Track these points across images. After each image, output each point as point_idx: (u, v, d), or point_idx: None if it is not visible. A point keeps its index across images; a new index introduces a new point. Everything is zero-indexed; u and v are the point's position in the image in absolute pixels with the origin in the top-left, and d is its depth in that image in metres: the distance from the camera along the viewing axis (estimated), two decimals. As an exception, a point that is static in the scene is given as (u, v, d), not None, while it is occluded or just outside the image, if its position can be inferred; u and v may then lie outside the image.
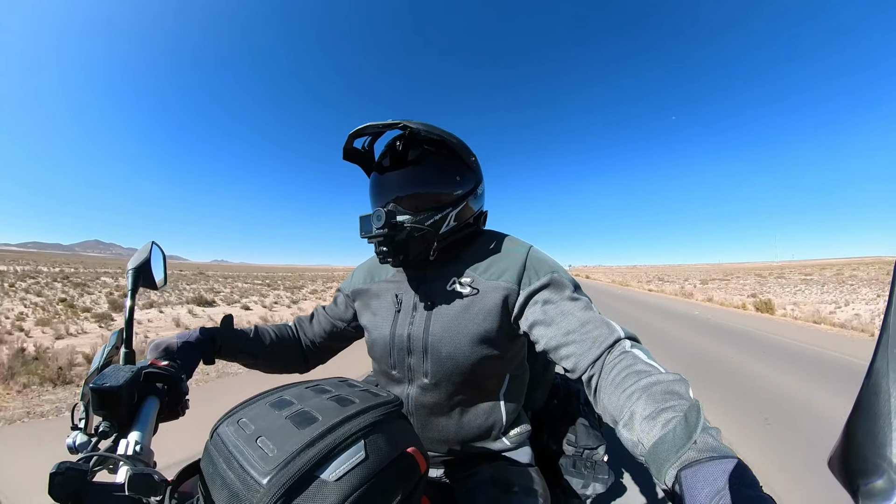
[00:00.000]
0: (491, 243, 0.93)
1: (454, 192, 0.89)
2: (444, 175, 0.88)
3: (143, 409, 0.62)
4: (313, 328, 1.09)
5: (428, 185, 0.88)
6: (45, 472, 0.43)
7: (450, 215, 0.87)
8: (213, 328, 0.92)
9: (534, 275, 0.84)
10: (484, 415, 0.90)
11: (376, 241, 0.84)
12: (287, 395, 0.50)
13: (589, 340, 0.71)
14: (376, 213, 0.81)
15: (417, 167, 0.88)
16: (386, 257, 0.85)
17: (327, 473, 0.40)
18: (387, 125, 0.85)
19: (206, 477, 0.44)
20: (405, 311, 0.90)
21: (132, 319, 0.75)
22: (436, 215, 0.85)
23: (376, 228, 0.81)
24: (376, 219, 0.81)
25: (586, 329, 0.73)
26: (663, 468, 0.44)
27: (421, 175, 0.88)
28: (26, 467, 2.40)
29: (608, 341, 0.70)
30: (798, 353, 5.85)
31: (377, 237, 0.82)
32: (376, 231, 0.81)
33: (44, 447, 2.67)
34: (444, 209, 0.86)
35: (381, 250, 0.85)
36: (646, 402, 0.55)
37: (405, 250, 0.85)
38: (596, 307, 0.81)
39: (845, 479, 0.23)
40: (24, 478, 2.23)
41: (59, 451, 0.50)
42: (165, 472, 0.49)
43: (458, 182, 0.89)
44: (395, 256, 0.85)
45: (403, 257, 0.86)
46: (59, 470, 0.44)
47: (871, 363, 0.22)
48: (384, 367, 0.93)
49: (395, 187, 0.88)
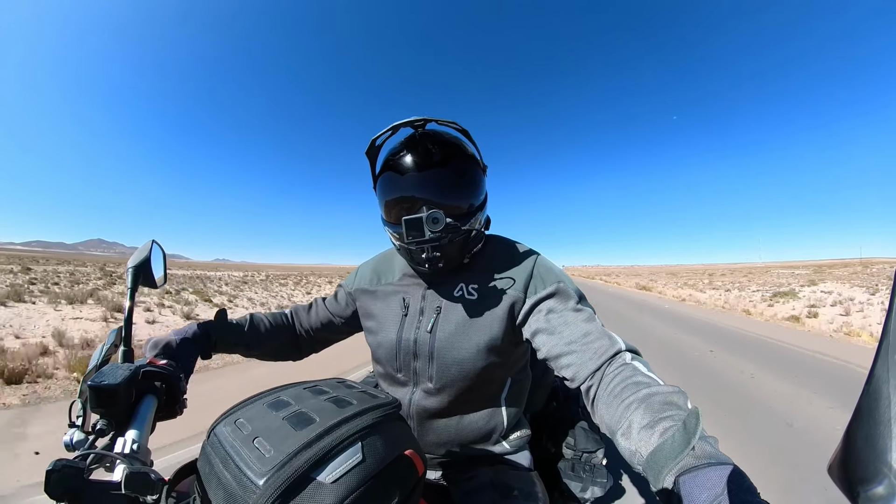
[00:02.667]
0: (498, 250, 0.93)
1: (480, 198, 0.88)
2: (472, 179, 0.87)
3: (141, 407, 0.62)
4: (310, 318, 1.09)
5: (467, 190, 0.86)
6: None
7: (478, 221, 0.87)
8: (207, 322, 0.92)
9: (540, 283, 0.84)
10: (485, 418, 0.90)
11: (429, 245, 0.79)
12: (284, 396, 0.50)
13: (590, 351, 0.71)
14: (432, 215, 0.74)
15: (448, 170, 0.84)
16: (435, 263, 0.83)
17: (324, 475, 0.39)
18: (444, 121, 0.86)
19: (203, 477, 0.44)
20: (412, 315, 0.90)
21: (131, 318, 0.75)
22: (470, 220, 0.84)
23: (432, 232, 0.75)
24: (432, 221, 0.74)
25: (588, 340, 0.73)
26: (661, 474, 0.44)
27: (458, 179, 0.85)
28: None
29: (609, 353, 0.69)
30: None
31: (432, 242, 0.77)
32: (431, 235, 0.75)
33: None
34: (474, 215, 0.86)
35: (433, 256, 0.81)
36: (644, 413, 0.55)
37: (445, 256, 0.83)
38: (600, 319, 0.80)
39: (845, 485, 0.23)
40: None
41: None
42: (162, 471, 0.49)
43: (480, 188, 0.89)
44: (446, 262, 0.83)
45: (444, 263, 0.84)
46: (55, 467, 0.44)
47: (872, 369, 0.22)
48: (389, 370, 0.93)
49: (435, 191, 0.82)
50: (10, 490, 2.18)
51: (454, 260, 0.86)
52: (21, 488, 2.18)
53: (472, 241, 0.88)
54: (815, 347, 6.69)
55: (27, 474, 2.31)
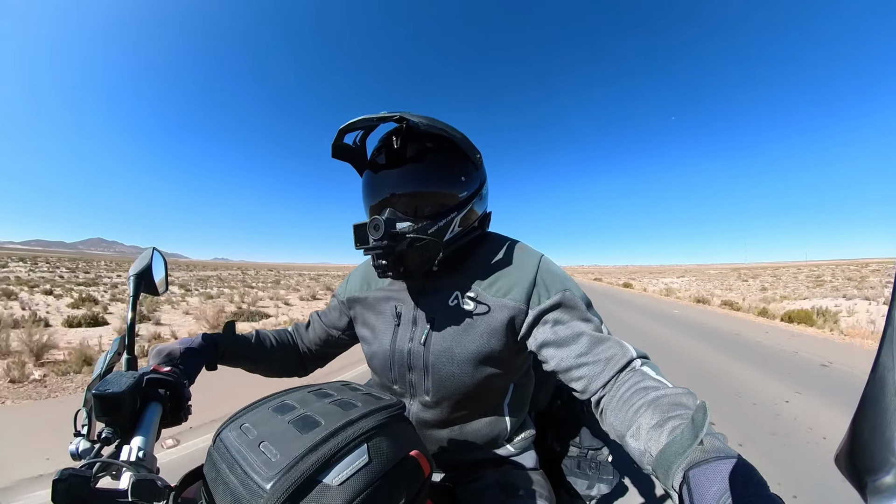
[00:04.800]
0: (497, 252, 0.86)
1: (459, 193, 0.81)
2: (448, 175, 0.81)
3: (146, 415, 0.62)
4: (309, 335, 1.08)
5: (430, 184, 0.80)
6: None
7: (454, 220, 0.80)
8: (215, 334, 0.91)
9: (544, 292, 0.78)
10: (488, 426, 0.88)
11: (374, 253, 0.77)
12: (289, 400, 0.50)
13: (601, 362, 0.69)
14: (373, 222, 0.72)
15: (418, 164, 0.80)
16: (385, 271, 0.78)
17: (330, 478, 0.39)
18: (381, 118, 0.76)
19: (209, 482, 0.44)
20: (405, 325, 0.85)
21: (134, 326, 0.75)
22: (439, 221, 0.78)
23: (374, 240, 0.73)
24: (373, 228, 0.72)
25: (598, 351, 0.71)
26: (670, 470, 0.44)
27: (423, 173, 0.80)
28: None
29: (621, 363, 0.68)
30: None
31: (375, 249, 0.74)
32: (373, 243, 0.73)
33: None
34: (448, 214, 0.79)
35: (379, 264, 0.77)
36: (652, 414, 0.55)
37: (406, 262, 0.78)
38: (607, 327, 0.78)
39: (853, 475, 0.23)
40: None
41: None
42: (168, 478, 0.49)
43: (464, 183, 0.82)
44: (395, 269, 0.77)
45: (404, 269, 0.78)
46: (62, 476, 0.44)
47: (877, 358, 0.22)
48: (385, 381, 0.91)
49: (393, 185, 0.80)
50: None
51: (419, 267, 0.79)
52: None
53: (451, 242, 0.81)
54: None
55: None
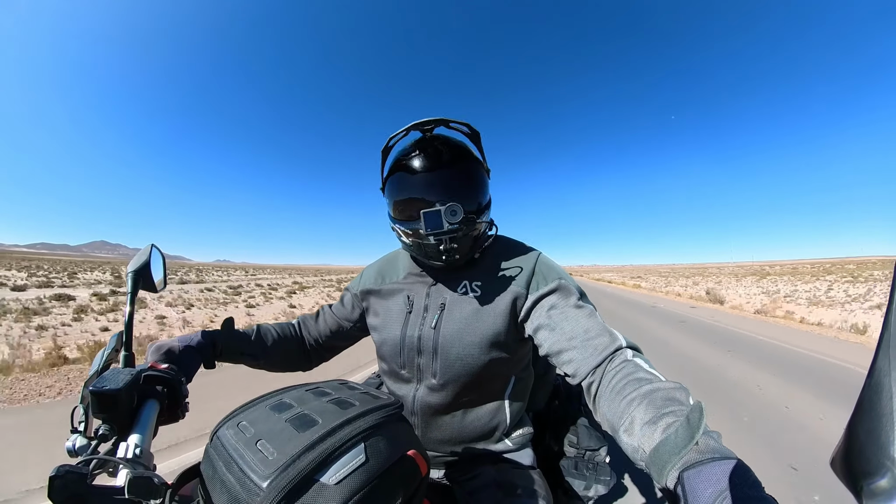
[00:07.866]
0: (502, 248, 0.96)
1: (486, 198, 0.91)
2: (481, 182, 0.90)
3: (143, 412, 0.62)
4: (318, 326, 1.10)
5: (475, 185, 0.88)
6: None
7: (486, 219, 0.90)
8: (213, 331, 0.91)
9: (542, 280, 0.86)
10: (489, 415, 0.91)
11: (446, 237, 0.81)
12: (287, 398, 0.50)
13: (590, 347, 0.72)
14: (450, 207, 0.78)
15: (467, 165, 0.88)
16: (452, 255, 0.84)
17: (327, 477, 0.39)
18: (449, 122, 0.89)
19: (206, 480, 0.44)
20: (416, 312, 0.91)
21: (132, 322, 0.75)
22: (479, 218, 0.87)
23: (449, 224, 0.78)
24: (451, 214, 0.78)
25: (588, 336, 0.74)
26: (664, 470, 0.44)
27: (470, 174, 0.88)
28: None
29: (609, 349, 0.70)
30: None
31: (450, 233, 0.79)
32: (449, 227, 0.78)
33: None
34: (483, 212, 0.89)
35: (451, 247, 0.82)
36: (646, 409, 0.55)
37: (460, 250, 0.85)
38: (600, 315, 0.82)
39: (848, 479, 0.23)
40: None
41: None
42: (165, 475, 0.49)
43: (487, 190, 0.92)
44: (460, 255, 0.86)
45: (458, 256, 0.86)
46: (58, 473, 0.44)
47: (873, 362, 0.22)
48: (393, 367, 0.94)
49: (448, 188, 0.85)
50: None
51: (467, 254, 0.88)
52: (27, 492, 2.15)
53: (482, 237, 0.91)
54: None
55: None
